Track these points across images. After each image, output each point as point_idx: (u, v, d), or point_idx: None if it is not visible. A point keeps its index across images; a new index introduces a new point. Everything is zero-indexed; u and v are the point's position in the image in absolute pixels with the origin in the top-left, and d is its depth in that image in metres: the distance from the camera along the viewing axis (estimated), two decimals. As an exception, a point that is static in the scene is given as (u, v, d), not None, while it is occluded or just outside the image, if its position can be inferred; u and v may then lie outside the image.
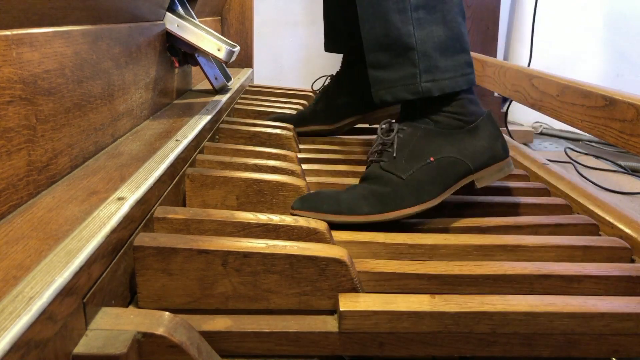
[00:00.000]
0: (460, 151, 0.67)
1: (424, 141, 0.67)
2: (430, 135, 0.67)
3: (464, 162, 0.67)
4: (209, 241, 0.49)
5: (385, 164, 0.67)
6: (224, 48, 0.97)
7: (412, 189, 0.65)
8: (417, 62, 0.67)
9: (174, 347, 0.41)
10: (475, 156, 0.68)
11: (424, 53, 0.67)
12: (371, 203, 0.64)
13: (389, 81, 0.69)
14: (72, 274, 0.37)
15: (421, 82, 0.67)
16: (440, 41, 0.67)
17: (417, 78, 0.67)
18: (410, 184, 0.65)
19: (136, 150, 0.67)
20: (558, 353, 0.49)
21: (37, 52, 0.50)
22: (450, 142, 0.67)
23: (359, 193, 0.66)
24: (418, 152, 0.66)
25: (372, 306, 0.48)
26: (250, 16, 1.72)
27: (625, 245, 0.63)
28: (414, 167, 0.66)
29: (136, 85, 0.80)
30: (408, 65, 0.67)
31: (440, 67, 0.67)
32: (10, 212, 0.45)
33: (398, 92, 0.68)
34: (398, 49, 0.67)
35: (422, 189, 0.65)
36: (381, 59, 0.69)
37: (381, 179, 0.66)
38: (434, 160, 0.66)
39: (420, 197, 0.65)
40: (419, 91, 0.67)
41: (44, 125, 0.51)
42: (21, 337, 0.31)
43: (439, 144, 0.67)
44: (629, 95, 0.80)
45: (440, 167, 0.66)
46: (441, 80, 0.67)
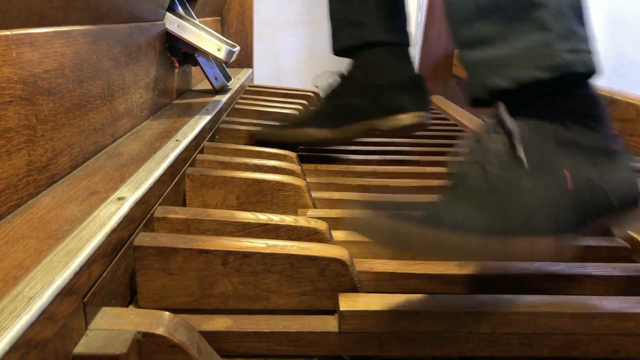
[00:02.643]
0: (600, 176, 0.47)
1: (555, 148, 0.46)
2: (563, 142, 0.46)
3: (605, 192, 0.47)
4: (209, 241, 0.49)
5: (499, 171, 0.45)
6: (224, 48, 0.97)
7: (550, 210, 0.44)
8: (551, 24, 0.47)
9: (174, 347, 0.41)
10: (620, 189, 0.48)
11: (558, 11, 0.47)
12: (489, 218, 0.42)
13: (504, 58, 0.48)
14: (72, 274, 0.37)
15: (559, 52, 0.46)
16: (574, 0, 0.49)
17: (552, 46, 0.46)
18: (547, 202, 0.44)
19: (136, 150, 0.67)
20: (558, 353, 0.49)
21: (37, 52, 0.50)
22: (589, 160, 0.47)
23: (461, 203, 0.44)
24: (547, 160, 0.46)
25: (372, 306, 0.48)
26: (250, 16, 1.72)
27: (625, 245, 0.63)
28: (547, 181, 0.45)
29: (136, 85, 0.80)
30: (535, 30, 0.47)
31: (580, 34, 0.48)
32: (10, 212, 0.45)
33: (521, 70, 0.47)
34: (518, 8, 0.47)
35: (561, 213, 0.44)
36: (487, 29, 0.49)
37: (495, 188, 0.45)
38: (571, 178, 0.45)
39: (559, 224, 0.44)
40: (558, 65, 0.46)
41: (44, 125, 0.51)
42: (21, 337, 0.31)
43: (574, 156, 0.46)
44: (629, 95, 0.80)
45: (579, 190, 0.46)
46: (583, 53, 0.47)
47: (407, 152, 0.99)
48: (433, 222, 0.41)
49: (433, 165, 0.92)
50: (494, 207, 0.43)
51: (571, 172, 0.46)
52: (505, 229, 0.42)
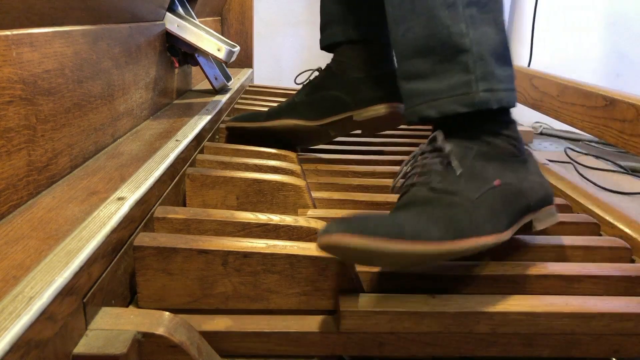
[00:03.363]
0: (520, 181, 0.55)
1: (482, 162, 0.54)
2: (487, 157, 0.55)
3: (525, 195, 0.56)
4: (209, 241, 0.49)
5: (440, 184, 0.52)
6: (224, 48, 0.97)
7: (486, 213, 0.51)
8: (473, 67, 0.55)
9: (174, 347, 0.41)
10: (534, 192, 0.57)
11: (479, 57, 0.55)
12: (442, 227, 0.48)
13: (433, 92, 0.56)
14: (72, 274, 0.37)
15: (478, 92, 0.55)
16: (495, 45, 0.56)
17: (471, 86, 0.55)
18: (483, 207, 0.51)
19: (136, 150, 0.67)
20: (558, 353, 0.49)
21: (37, 52, 0.50)
22: (510, 169, 0.55)
23: (421, 216, 0.49)
24: (480, 173, 0.53)
25: (372, 306, 0.48)
26: (250, 16, 1.72)
27: (625, 245, 0.63)
28: (481, 190, 0.52)
29: (136, 85, 0.80)
30: (459, 72, 0.55)
31: (497, 75, 0.56)
32: (10, 212, 0.45)
33: (445, 104, 0.56)
34: (446, 52, 0.56)
35: (496, 216, 0.51)
36: (422, 66, 0.57)
37: (440, 200, 0.51)
38: (500, 186, 0.53)
39: (496, 225, 0.51)
40: (474, 102, 0.55)
41: (44, 125, 0.51)
42: (21, 337, 0.31)
43: (498, 168, 0.55)
44: (629, 95, 0.80)
45: (507, 194, 0.54)
46: (499, 92, 0.55)
47: (407, 153, 0.99)
48: (397, 235, 0.45)
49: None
50: (443, 216, 0.49)
51: (500, 179, 0.54)
52: (455, 233, 0.48)
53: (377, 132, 0.99)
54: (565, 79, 1.01)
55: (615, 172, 1.22)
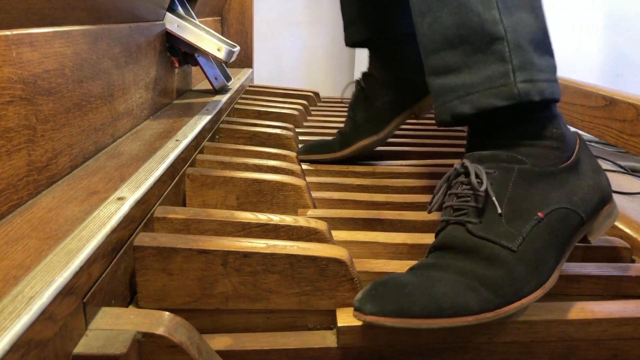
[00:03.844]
0: (568, 197, 0.50)
1: (523, 188, 0.49)
2: (530, 179, 0.49)
3: (575, 212, 0.50)
4: (209, 241, 0.49)
5: (478, 226, 0.48)
6: (224, 48, 0.97)
7: (530, 265, 0.46)
8: (509, 56, 0.50)
9: (174, 347, 0.41)
10: (586, 201, 0.51)
11: (516, 44, 0.50)
12: (482, 296, 0.44)
13: (466, 86, 0.52)
14: (72, 274, 0.37)
15: (517, 82, 0.50)
16: (532, 32, 0.51)
17: (509, 77, 0.50)
18: (526, 257, 0.46)
19: (136, 150, 0.67)
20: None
21: (37, 52, 0.50)
22: (556, 185, 0.50)
23: (459, 282, 0.45)
24: (520, 206, 0.48)
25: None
26: (250, 16, 1.72)
27: (625, 245, 0.63)
28: (523, 231, 0.47)
29: (136, 85, 0.80)
30: (494, 62, 0.51)
31: (536, 64, 0.51)
32: (10, 212, 0.45)
33: (482, 98, 0.51)
34: (478, 41, 0.51)
35: (541, 260, 0.47)
36: (451, 59, 0.52)
37: (479, 252, 0.47)
38: (544, 217, 0.48)
39: (541, 274, 0.47)
40: (513, 94, 0.50)
41: (44, 125, 0.51)
42: (21, 337, 0.31)
43: (543, 191, 0.49)
44: (629, 95, 0.80)
45: (553, 225, 0.48)
46: (540, 82, 0.50)
47: (407, 152, 0.99)
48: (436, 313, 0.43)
49: (430, 165, 0.92)
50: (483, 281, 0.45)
51: (543, 210, 0.48)
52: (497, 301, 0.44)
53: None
54: (565, 79, 1.01)
55: (615, 172, 1.22)
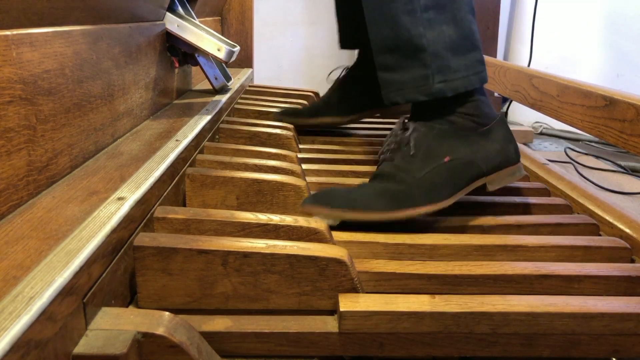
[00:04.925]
0: (473, 153, 0.67)
1: (439, 141, 0.67)
2: (445, 136, 0.67)
3: (477, 164, 0.67)
4: (209, 241, 0.49)
5: (400, 162, 0.67)
6: (224, 48, 0.97)
7: (426, 188, 0.64)
8: (429, 63, 0.66)
9: (174, 347, 0.41)
10: (489, 159, 0.68)
11: (435, 54, 0.66)
12: (385, 201, 0.64)
13: (400, 83, 0.68)
14: (72, 274, 0.37)
15: (434, 83, 0.66)
16: (451, 41, 0.67)
17: (429, 79, 0.66)
18: (424, 183, 0.65)
19: (136, 150, 0.67)
20: (558, 353, 0.49)
21: (37, 52, 0.50)
22: (465, 143, 0.67)
23: (373, 190, 0.65)
24: (433, 152, 0.66)
25: (372, 306, 0.48)
26: (250, 16, 1.72)
27: (625, 245, 0.63)
28: (429, 167, 0.65)
29: (136, 85, 0.80)
30: (419, 67, 0.67)
31: (452, 66, 0.67)
32: (10, 212, 0.45)
33: (409, 93, 0.68)
34: (408, 50, 0.67)
35: (436, 188, 0.65)
36: (390, 61, 0.68)
37: (394, 177, 0.66)
38: (449, 161, 0.65)
39: (434, 197, 0.65)
40: (431, 92, 0.67)
41: (44, 125, 0.51)
42: (21, 337, 0.31)
43: (453, 144, 0.66)
44: (629, 95, 0.80)
45: (454, 168, 0.66)
46: (454, 80, 0.67)
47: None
48: (351, 206, 0.63)
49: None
50: (390, 191, 0.64)
51: (450, 156, 0.66)
52: (395, 205, 0.64)
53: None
54: (565, 79, 1.01)
55: (615, 172, 1.22)
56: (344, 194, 0.65)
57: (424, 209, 0.64)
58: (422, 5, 0.66)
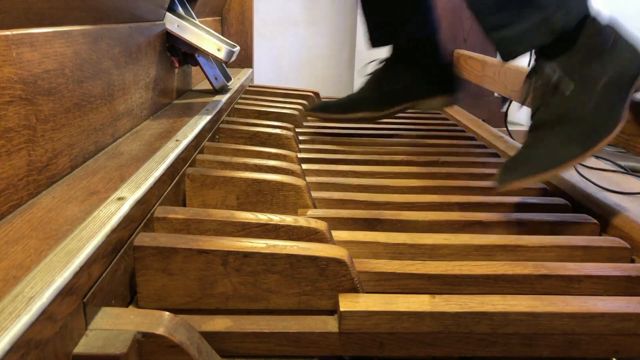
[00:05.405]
0: (617, 65, 0.66)
1: (585, 67, 0.66)
2: (588, 60, 0.66)
3: (627, 72, 0.66)
4: (209, 241, 0.49)
5: (561, 103, 0.66)
6: (224, 48, 0.97)
7: (605, 114, 0.65)
8: (546, 5, 0.66)
9: (174, 347, 0.41)
10: (632, 64, 0.67)
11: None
12: (578, 144, 0.64)
13: (521, 34, 0.68)
14: (72, 274, 0.37)
15: (556, 21, 0.66)
16: None
17: (550, 19, 0.66)
18: (601, 110, 0.65)
19: (136, 150, 0.67)
20: (558, 353, 0.49)
21: (37, 52, 0.50)
22: (607, 59, 0.66)
23: (557, 140, 0.65)
24: (587, 80, 0.66)
25: (372, 306, 0.48)
26: (250, 16, 1.72)
27: (625, 245, 0.63)
28: (594, 94, 0.65)
29: (136, 85, 0.80)
30: (537, 12, 0.66)
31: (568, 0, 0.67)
32: (10, 212, 0.45)
33: (535, 39, 0.68)
34: (520, 0, 0.67)
35: (612, 110, 0.65)
36: (504, 18, 0.68)
37: (566, 118, 0.65)
38: (607, 81, 0.65)
39: (614, 119, 0.65)
40: (556, 30, 0.66)
41: (44, 125, 0.51)
42: (21, 337, 0.31)
43: (599, 64, 0.66)
44: (629, 95, 0.79)
45: (614, 84, 0.66)
46: (571, 10, 0.66)
47: (406, 152, 0.99)
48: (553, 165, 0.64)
49: (431, 166, 0.92)
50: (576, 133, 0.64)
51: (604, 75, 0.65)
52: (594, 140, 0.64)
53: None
54: (565, 79, 1.00)
55: (615, 172, 1.21)
56: (537, 155, 0.65)
57: (613, 133, 0.65)
58: None
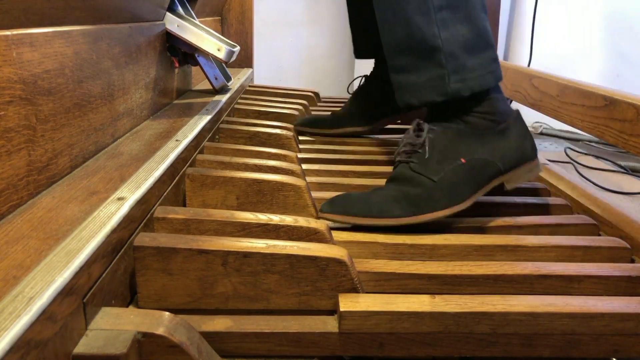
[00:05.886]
0: (490, 152, 0.66)
1: (455, 142, 0.66)
2: (462, 136, 0.66)
3: (494, 163, 0.66)
4: (209, 241, 0.49)
5: (416, 165, 0.66)
6: (224, 48, 0.97)
7: (445, 191, 0.64)
8: (444, 63, 0.65)
9: (174, 347, 0.41)
10: (506, 157, 0.67)
11: (450, 54, 0.65)
12: (403, 206, 0.63)
13: (415, 84, 0.67)
14: (72, 274, 0.37)
15: (450, 84, 0.66)
16: (465, 40, 0.66)
17: (445, 79, 0.66)
18: (443, 186, 0.64)
19: (136, 150, 0.67)
20: (558, 353, 0.49)
21: (37, 52, 0.50)
22: (481, 143, 0.66)
23: (390, 195, 0.65)
24: (449, 153, 0.65)
25: (372, 306, 0.48)
26: (250, 16, 1.72)
27: (625, 245, 0.63)
28: (446, 169, 0.64)
29: (136, 85, 0.80)
30: (434, 67, 0.66)
31: (468, 66, 0.66)
32: (10, 212, 0.45)
33: (425, 95, 0.67)
34: (423, 51, 0.66)
35: (454, 191, 0.64)
36: (404, 62, 0.68)
37: (412, 180, 0.65)
38: (466, 162, 0.65)
39: (452, 200, 0.64)
40: (447, 92, 0.66)
41: (44, 125, 0.51)
42: (21, 337, 0.31)
43: (469, 144, 0.66)
44: (629, 95, 0.80)
45: (472, 168, 0.65)
46: (469, 80, 0.66)
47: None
48: (367, 213, 0.64)
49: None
50: (408, 196, 0.64)
51: (466, 157, 0.65)
52: (414, 210, 0.63)
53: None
54: (565, 79, 1.01)
55: (615, 172, 1.22)
56: (361, 199, 0.64)
57: (444, 212, 0.64)
58: (436, 6, 0.65)
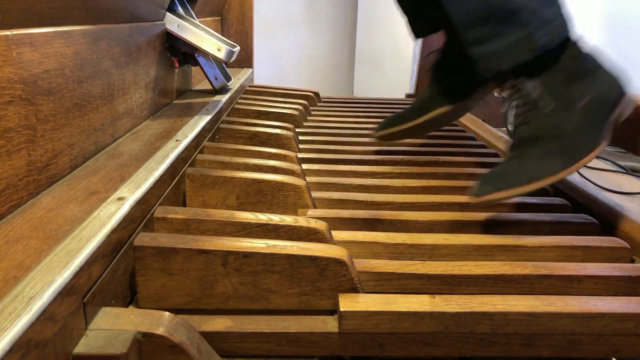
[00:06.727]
0: (600, 86, 0.66)
1: (566, 88, 0.66)
2: (569, 81, 0.67)
3: (609, 96, 0.67)
4: (209, 241, 0.49)
5: (541, 120, 0.66)
6: (224, 48, 0.97)
7: (585, 134, 0.64)
8: (528, 22, 0.65)
9: (174, 347, 0.41)
10: (612, 89, 0.67)
11: (531, 11, 0.65)
12: (557, 160, 0.64)
13: (501, 50, 0.67)
14: (72, 274, 0.37)
15: (538, 40, 0.65)
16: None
17: (532, 37, 0.66)
18: (581, 129, 0.64)
19: (136, 150, 0.67)
20: (558, 353, 0.49)
21: (37, 52, 0.50)
22: (588, 81, 0.66)
23: (538, 154, 0.65)
24: (568, 99, 0.66)
25: (372, 306, 0.48)
26: (250, 16, 1.72)
27: (625, 245, 0.63)
28: (573, 114, 0.65)
29: (136, 85, 0.80)
30: (519, 29, 0.66)
31: (548, 18, 0.66)
32: (10, 212, 0.45)
33: (515, 57, 0.67)
34: (502, 16, 0.66)
35: (592, 131, 0.65)
36: (484, 32, 0.67)
37: (545, 136, 0.65)
38: (586, 102, 0.65)
39: (594, 140, 0.65)
40: (537, 48, 0.66)
41: (44, 125, 0.51)
42: (21, 337, 0.31)
43: (580, 86, 0.66)
44: (629, 95, 0.79)
45: (595, 105, 0.65)
46: (553, 30, 0.66)
47: (406, 152, 0.99)
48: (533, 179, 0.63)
49: (431, 166, 0.92)
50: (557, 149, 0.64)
51: (584, 96, 0.65)
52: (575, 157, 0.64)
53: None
54: (565, 79, 1.00)
55: (615, 172, 1.22)
56: (512, 171, 0.64)
57: (593, 154, 0.64)
58: None
